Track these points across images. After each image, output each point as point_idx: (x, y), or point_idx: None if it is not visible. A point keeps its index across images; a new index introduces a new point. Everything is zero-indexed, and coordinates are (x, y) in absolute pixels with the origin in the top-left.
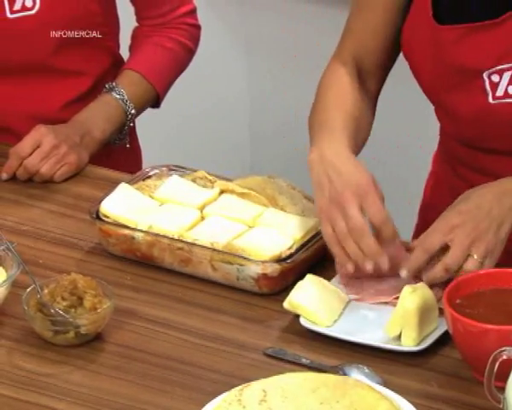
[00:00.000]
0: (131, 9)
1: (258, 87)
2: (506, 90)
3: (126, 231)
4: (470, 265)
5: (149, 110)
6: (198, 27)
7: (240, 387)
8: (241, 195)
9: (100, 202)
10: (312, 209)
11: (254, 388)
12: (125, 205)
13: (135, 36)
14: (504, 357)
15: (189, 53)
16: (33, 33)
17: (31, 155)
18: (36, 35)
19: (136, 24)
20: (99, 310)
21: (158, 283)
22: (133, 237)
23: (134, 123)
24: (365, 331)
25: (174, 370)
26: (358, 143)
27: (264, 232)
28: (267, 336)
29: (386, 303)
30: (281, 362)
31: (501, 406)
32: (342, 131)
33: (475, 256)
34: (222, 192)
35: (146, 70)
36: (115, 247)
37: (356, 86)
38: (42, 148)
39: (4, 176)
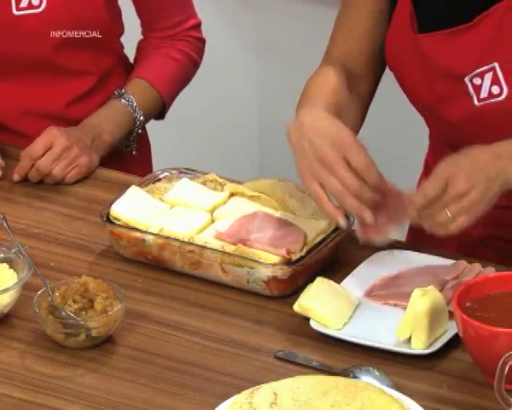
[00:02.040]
0: (134, 18)
1: (268, 89)
2: (490, 90)
3: (137, 234)
4: (441, 218)
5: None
6: (203, 41)
7: (250, 389)
8: (251, 198)
9: (110, 204)
10: (323, 212)
11: (265, 390)
12: (136, 208)
13: (141, 47)
14: None
15: (195, 66)
16: (38, 31)
17: (42, 156)
18: (40, 33)
19: (141, 36)
20: (110, 313)
21: (169, 285)
22: (144, 240)
23: (145, 128)
24: (375, 334)
25: (185, 372)
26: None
27: None
28: (277, 339)
29: (395, 306)
30: (291, 365)
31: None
32: (322, 101)
33: (448, 213)
34: (232, 195)
35: (155, 79)
36: (126, 249)
37: (342, 81)
38: (53, 149)
39: (16, 177)
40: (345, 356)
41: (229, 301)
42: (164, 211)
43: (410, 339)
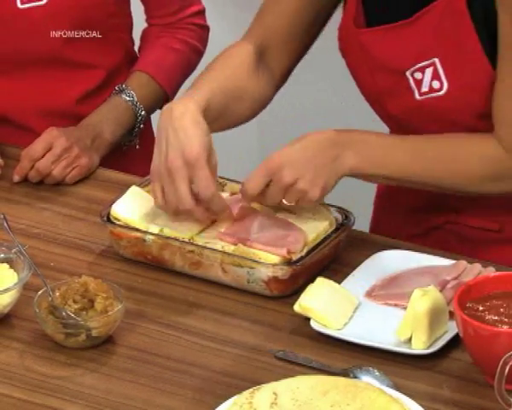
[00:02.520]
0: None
1: None
2: (430, 85)
3: (137, 234)
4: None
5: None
6: (206, 28)
7: (251, 390)
8: None
9: (111, 204)
10: (323, 212)
11: (265, 391)
12: (136, 208)
13: (144, 37)
14: None
15: (198, 54)
16: (44, 24)
17: (42, 157)
18: (46, 26)
19: (146, 25)
20: (110, 313)
21: (169, 285)
22: (144, 240)
23: (150, 124)
24: (376, 334)
25: (185, 373)
26: (231, 110)
27: None
28: (278, 339)
29: (396, 306)
30: (291, 365)
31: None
32: (205, 91)
33: (285, 202)
34: (233, 195)
35: (156, 72)
36: (126, 250)
37: (250, 60)
38: (53, 150)
39: (16, 178)
40: (345, 356)
41: (230, 301)
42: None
43: (410, 339)
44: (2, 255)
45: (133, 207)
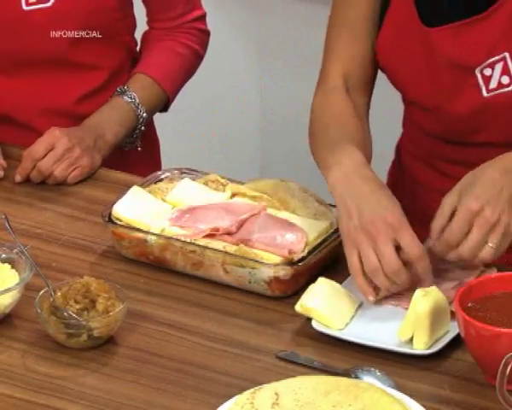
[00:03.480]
0: (143, 12)
1: (270, 90)
2: (499, 81)
3: (139, 234)
4: (485, 254)
5: (160, 113)
6: (207, 33)
7: (252, 390)
8: (253, 198)
9: (112, 205)
10: (324, 212)
11: (267, 391)
12: (138, 208)
13: (145, 39)
14: None
15: (199, 58)
16: (48, 27)
17: (44, 157)
18: (51, 28)
19: (147, 27)
20: (112, 313)
21: (170, 286)
22: (146, 240)
23: (153, 125)
24: (377, 335)
25: (187, 373)
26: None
27: None
28: (279, 340)
29: (397, 306)
30: (293, 365)
31: None
32: (354, 147)
33: (490, 245)
34: (234, 195)
35: (158, 75)
36: (128, 250)
37: (352, 107)
38: (55, 151)
39: (18, 178)
40: (346, 356)
41: (231, 301)
42: (166, 211)
43: (411, 339)
44: (3, 256)
45: (135, 207)
